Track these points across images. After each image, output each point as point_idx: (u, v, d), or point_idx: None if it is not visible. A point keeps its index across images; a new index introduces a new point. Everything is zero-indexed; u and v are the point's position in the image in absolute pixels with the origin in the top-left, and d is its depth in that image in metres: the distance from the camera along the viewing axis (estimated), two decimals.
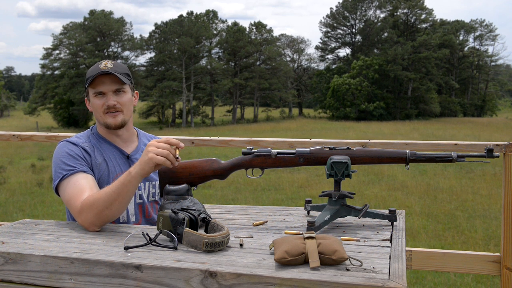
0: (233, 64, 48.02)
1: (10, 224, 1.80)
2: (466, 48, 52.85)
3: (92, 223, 1.67)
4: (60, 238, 1.58)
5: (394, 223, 1.72)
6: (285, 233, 1.63)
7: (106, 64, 1.92)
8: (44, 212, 8.19)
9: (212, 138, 2.91)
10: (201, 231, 1.55)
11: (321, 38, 56.44)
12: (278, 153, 1.75)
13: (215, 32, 47.71)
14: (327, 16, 55.10)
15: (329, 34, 55.04)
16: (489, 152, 1.62)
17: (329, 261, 1.25)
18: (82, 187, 1.76)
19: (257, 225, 1.75)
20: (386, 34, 49.36)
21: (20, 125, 40.43)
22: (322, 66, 55.74)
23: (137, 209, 1.96)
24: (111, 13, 45.76)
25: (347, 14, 53.06)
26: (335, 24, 54.08)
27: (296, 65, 57.35)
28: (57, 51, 44.47)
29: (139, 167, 1.65)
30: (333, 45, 55.54)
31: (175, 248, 1.42)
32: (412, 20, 50.22)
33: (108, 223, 1.76)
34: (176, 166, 1.69)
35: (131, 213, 1.95)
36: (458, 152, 1.70)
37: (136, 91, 2.07)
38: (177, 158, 1.67)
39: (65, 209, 2.00)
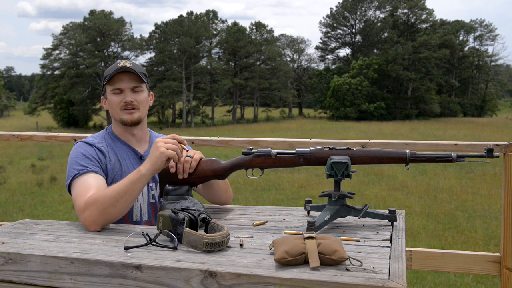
0: (233, 64, 48.03)
1: (10, 224, 1.80)
2: (466, 48, 52.84)
3: (94, 221, 1.67)
4: (60, 238, 1.58)
5: (394, 223, 1.72)
6: (285, 233, 1.63)
7: (125, 63, 1.95)
8: (44, 212, 8.19)
9: (212, 138, 2.91)
10: (201, 231, 1.56)
11: (321, 38, 56.51)
12: (278, 153, 1.75)
13: (215, 32, 47.71)
14: (327, 16, 55.16)
15: (329, 34, 55.07)
16: (489, 152, 1.62)
17: (329, 261, 1.25)
18: (89, 186, 1.77)
19: (257, 225, 1.75)
20: (386, 34, 49.36)
21: (20, 125, 40.44)
22: (322, 66, 55.81)
23: (149, 209, 1.98)
24: (111, 13, 45.78)
25: (347, 14, 53.06)
26: (335, 24, 54.09)
27: (296, 65, 57.36)
28: (57, 51, 44.50)
29: (149, 163, 1.69)
30: (333, 45, 55.58)
31: (175, 248, 1.42)
32: (412, 20, 50.23)
33: (108, 224, 1.77)
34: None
35: (143, 212, 1.96)
36: (458, 152, 1.70)
37: (151, 92, 2.10)
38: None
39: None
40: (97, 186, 1.78)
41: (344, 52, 56.19)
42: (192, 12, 47.05)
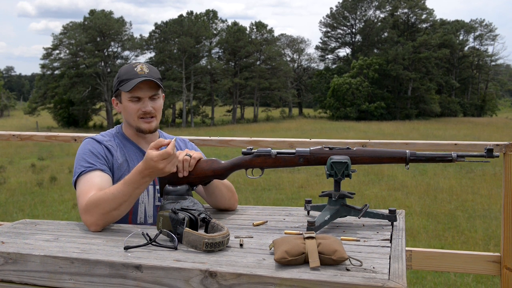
0: (233, 64, 48.01)
1: (10, 224, 1.80)
2: (466, 48, 52.84)
3: (95, 222, 1.67)
4: (60, 238, 1.58)
5: (394, 223, 1.72)
6: (285, 233, 1.63)
7: (142, 69, 1.92)
8: (44, 212, 8.19)
9: (212, 138, 2.91)
10: (201, 231, 1.56)
11: (321, 38, 56.50)
12: (278, 153, 1.75)
13: (215, 32, 47.69)
14: (327, 16, 55.14)
15: (329, 34, 55.06)
16: (489, 152, 1.62)
17: (329, 261, 1.25)
18: (93, 184, 1.77)
19: (257, 225, 1.76)
20: (386, 34, 49.35)
21: (20, 125, 40.44)
22: (322, 66, 55.82)
23: (155, 211, 1.97)
24: (111, 13, 45.74)
25: (347, 14, 53.06)
26: (335, 24, 54.09)
27: (296, 65, 57.35)
28: (57, 51, 44.44)
29: (152, 177, 1.67)
30: (333, 45, 55.58)
31: (175, 248, 1.42)
32: (413, 20, 50.23)
33: (109, 224, 1.77)
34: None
35: (149, 214, 1.95)
36: (458, 152, 1.69)
37: (163, 94, 2.08)
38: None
39: None
40: (102, 185, 1.78)
41: (344, 52, 56.27)
42: (192, 12, 47.05)
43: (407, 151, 1.68)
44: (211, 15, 48.45)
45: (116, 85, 1.97)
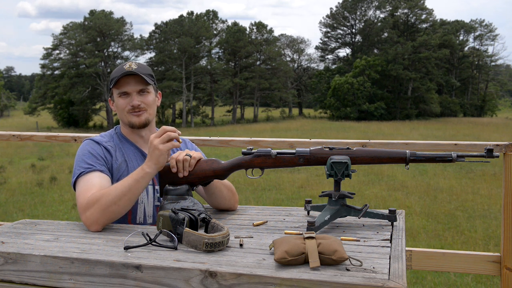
0: (233, 64, 48.01)
1: (10, 224, 1.80)
2: (466, 48, 52.84)
3: (96, 221, 1.67)
4: (60, 238, 1.58)
5: (394, 223, 1.72)
6: (285, 233, 1.63)
7: (131, 65, 1.95)
8: (44, 212, 8.19)
9: (212, 138, 2.91)
10: (201, 231, 1.56)
11: (321, 38, 56.61)
12: (278, 153, 1.75)
13: (215, 32, 47.70)
14: (327, 16, 55.16)
15: (329, 34, 55.08)
16: (489, 152, 1.62)
17: (329, 261, 1.25)
18: (93, 185, 1.78)
19: (257, 225, 1.76)
20: (386, 34, 49.36)
21: (20, 125, 40.44)
22: (322, 66, 55.84)
23: (155, 211, 1.97)
24: (111, 13, 45.72)
25: (347, 14, 53.06)
26: (335, 24, 54.10)
27: (296, 65, 57.36)
28: (57, 51, 44.42)
29: (152, 162, 1.72)
30: (333, 45, 55.60)
31: (175, 248, 1.42)
32: (412, 20, 50.22)
33: (109, 224, 1.76)
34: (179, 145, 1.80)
35: (148, 214, 1.95)
36: (458, 152, 1.70)
37: (159, 92, 2.10)
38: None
39: None
40: (101, 185, 1.78)
41: (344, 52, 56.27)
42: (192, 12, 47.03)
43: (407, 151, 1.68)
44: (211, 15, 48.45)
45: (109, 85, 2.01)
